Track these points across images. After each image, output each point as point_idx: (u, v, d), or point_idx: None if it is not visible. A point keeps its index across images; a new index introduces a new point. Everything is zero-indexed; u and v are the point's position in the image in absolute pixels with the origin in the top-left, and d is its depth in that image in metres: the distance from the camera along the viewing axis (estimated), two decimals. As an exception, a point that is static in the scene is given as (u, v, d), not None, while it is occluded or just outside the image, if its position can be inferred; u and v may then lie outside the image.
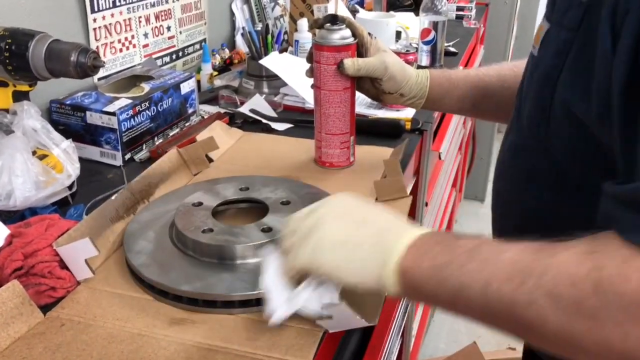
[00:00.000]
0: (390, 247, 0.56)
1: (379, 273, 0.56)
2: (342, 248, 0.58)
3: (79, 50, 0.83)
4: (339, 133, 0.97)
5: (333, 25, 0.91)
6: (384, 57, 0.90)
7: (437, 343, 2.19)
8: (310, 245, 0.59)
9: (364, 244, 0.57)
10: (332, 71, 0.92)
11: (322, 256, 0.58)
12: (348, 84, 0.93)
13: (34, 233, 0.70)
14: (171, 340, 0.62)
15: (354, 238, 0.58)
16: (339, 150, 0.98)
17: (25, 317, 0.64)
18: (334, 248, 0.58)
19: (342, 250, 0.58)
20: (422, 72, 0.94)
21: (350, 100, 0.95)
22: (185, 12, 1.43)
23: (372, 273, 0.56)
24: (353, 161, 1.01)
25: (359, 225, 0.59)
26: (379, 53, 0.91)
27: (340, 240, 0.58)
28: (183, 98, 1.15)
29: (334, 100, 0.94)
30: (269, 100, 1.26)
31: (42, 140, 0.82)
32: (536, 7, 3.44)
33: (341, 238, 0.58)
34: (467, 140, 2.49)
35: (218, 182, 0.89)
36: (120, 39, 1.22)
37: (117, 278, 0.72)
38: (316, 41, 0.92)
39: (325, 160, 1.00)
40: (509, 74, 0.92)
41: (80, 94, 1.04)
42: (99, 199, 0.88)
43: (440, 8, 1.46)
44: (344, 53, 0.91)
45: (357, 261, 0.57)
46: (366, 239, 0.57)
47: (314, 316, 0.61)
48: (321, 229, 0.59)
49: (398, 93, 0.92)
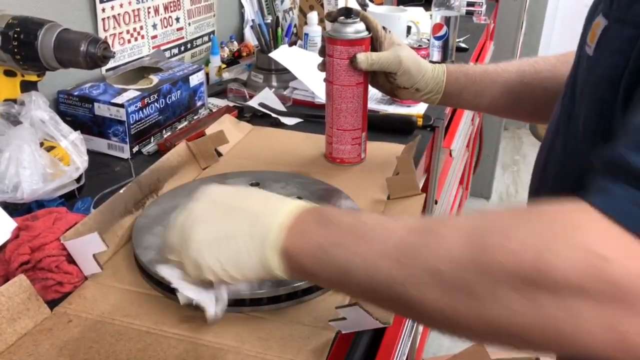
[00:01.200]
0: (266, 231, 0.53)
1: (261, 261, 0.53)
2: (219, 246, 0.55)
3: (89, 40, 0.81)
4: (351, 129, 0.95)
5: (347, 19, 0.89)
6: (398, 51, 0.88)
7: (442, 340, 2.18)
8: (189, 260, 0.56)
9: (239, 235, 0.54)
10: (345, 65, 0.90)
11: (202, 265, 0.55)
12: (361, 79, 0.91)
13: (41, 226, 0.69)
14: (180, 339, 0.61)
15: (229, 232, 0.55)
16: (350, 147, 0.97)
17: (32, 313, 0.62)
18: (206, 252, 0.55)
19: (220, 248, 0.54)
20: (438, 67, 0.92)
21: (363, 95, 0.93)
22: (194, 4, 1.41)
23: (254, 263, 0.53)
24: (364, 158, 1.00)
25: (228, 217, 0.56)
26: (393, 47, 0.89)
27: (215, 239, 0.55)
28: (192, 91, 1.13)
29: (347, 95, 0.92)
30: (278, 94, 1.25)
31: (50, 132, 0.81)
32: (545, 3, 3.42)
33: (215, 237, 0.55)
34: (474, 138, 2.47)
35: (228, 176, 0.88)
36: (128, 29, 1.21)
37: (125, 274, 0.71)
38: (329, 35, 0.90)
39: (336, 156, 0.98)
40: (529, 69, 0.90)
41: (88, 85, 1.02)
42: (106, 192, 0.87)
43: (452, 3, 1.44)
44: (357, 47, 0.89)
45: (235, 256, 0.54)
46: (240, 230, 0.54)
47: None
48: (190, 238, 0.56)
49: (414, 88, 0.90)
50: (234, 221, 0.55)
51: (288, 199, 0.56)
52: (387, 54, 0.88)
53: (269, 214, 0.54)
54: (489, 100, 0.92)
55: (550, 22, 3.51)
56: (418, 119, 1.12)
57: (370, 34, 0.90)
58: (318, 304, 0.66)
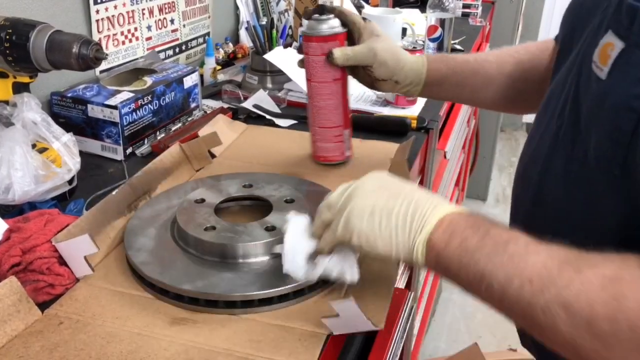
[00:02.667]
0: (423, 218, 0.58)
1: (408, 244, 0.58)
2: (373, 217, 0.59)
3: (81, 42, 0.81)
4: (332, 126, 0.95)
5: (321, 16, 0.89)
6: (373, 44, 0.87)
7: (438, 342, 2.18)
8: (344, 217, 0.61)
9: (396, 214, 0.59)
10: (320, 62, 0.90)
11: (354, 226, 0.59)
12: (338, 75, 0.91)
13: (32, 228, 0.69)
14: (172, 341, 0.61)
15: (387, 208, 0.59)
16: (333, 144, 0.96)
17: (22, 315, 0.62)
18: (365, 217, 0.59)
19: (373, 219, 0.59)
20: (418, 58, 0.91)
21: (341, 91, 0.93)
22: (189, 5, 1.41)
23: (401, 243, 0.58)
24: (349, 156, 0.99)
25: (391, 197, 0.60)
26: (370, 39, 0.88)
27: (373, 210, 0.59)
28: (186, 92, 1.13)
29: (324, 92, 0.92)
30: (273, 95, 1.25)
31: (42, 134, 0.81)
32: (541, 6, 3.43)
33: (373, 208, 0.59)
34: (470, 139, 2.47)
35: (221, 178, 0.88)
36: (123, 31, 1.21)
37: (117, 275, 0.70)
38: (304, 32, 0.90)
39: (320, 155, 0.98)
40: (509, 60, 0.90)
41: (81, 87, 1.02)
42: (99, 194, 0.87)
43: (447, 5, 1.44)
44: (331, 43, 0.88)
45: (387, 231, 0.58)
46: (399, 210, 0.59)
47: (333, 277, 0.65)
48: (354, 201, 0.61)
49: (392, 80, 0.89)
50: (397, 202, 0.59)
51: (447, 201, 0.61)
52: (361, 47, 0.87)
53: (429, 207, 0.59)
54: (469, 91, 0.92)
55: (546, 24, 3.51)
56: (412, 121, 1.12)
57: (346, 29, 0.89)
58: (310, 306, 0.66)
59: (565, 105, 0.64)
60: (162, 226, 0.76)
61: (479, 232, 0.55)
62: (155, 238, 0.74)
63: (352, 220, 0.60)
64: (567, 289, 0.48)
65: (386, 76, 0.89)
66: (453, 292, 2.39)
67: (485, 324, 2.24)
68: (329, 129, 0.95)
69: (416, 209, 0.58)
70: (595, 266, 0.49)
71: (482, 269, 0.53)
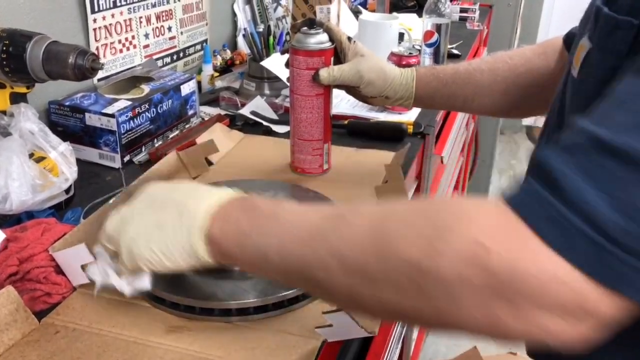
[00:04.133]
0: (193, 217, 0.56)
1: (188, 247, 0.56)
2: (148, 239, 0.58)
3: (77, 52, 0.81)
4: (311, 139, 0.95)
5: (310, 30, 0.90)
6: (358, 65, 0.88)
7: (438, 346, 2.18)
8: (125, 250, 0.59)
9: (167, 225, 0.57)
10: (305, 76, 0.90)
11: (137, 256, 0.58)
12: (321, 90, 0.92)
13: (29, 237, 0.69)
14: (167, 349, 0.61)
15: (157, 224, 0.58)
16: (310, 157, 0.97)
17: (19, 324, 0.62)
18: (141, 243, 0.58)
19: (149, 240, 0.58)
20: (407, 72, 0.91)
21: (323, 106, 0.93)
22: (187, 13, 1.42)
23: (183, 250, 0.56)
24: (327, 169, 0.99)
25: (160, 209, 0.59)
26: (355, 59, 0.89)
27: (146, 231, 0.58)
28: (183, 100, 1.14)
29: (306, 106, 0.93)
30: (270, 102, 1.25)
31: (39, 143, 0.81)
32: (539, 9, 3.44)
33: (146, 230, 0.58)
34: (469, 142, 2.48)
35: (218, 185, 0.88)
36: (120, 39, 1.21)
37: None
38: (292, 45, 0.91)
39: (298, 166, 0.98)
40: (503, 67, 0.90)
41: (79, 95, 1.03)
42: (97, 202, 0.88)
43: (443, 10, 1.45)
44: (316, 58, 0.89)
45: (165, 244, 0.57)
46: (170, 218, 0.57)
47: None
48: (127, 228, 0.59)
49: (382, 96, 0.90)
50: (165, 211, 0.58)
51: (216, 188, 0.59)
52: (347, 69, 0.88)
53: (196, 202, 0.57)
54: (462, 101, 0.92)
55: (545, 28, 3.52)
56: (408, 127, 1.13)
57: (333, 44, 0.90)
58: (305, 313, 0.67)
59: (555, 108, 0.66)
60: (159, 234, 0.77)
61: (250, 211, 0.54)
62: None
63: (133, 251, 0.58)
64: (339, 239, 0.47)
65: (375, 94, 0.90)
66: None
67: (486, 327, 2.24)
68: (308, 141, 0.96)
69: (184, 209, 0.57)
70: (363, 214, 0.49)
71: (260, 246, 0.52)
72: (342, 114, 1.21)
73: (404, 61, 1.26)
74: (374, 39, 1.46)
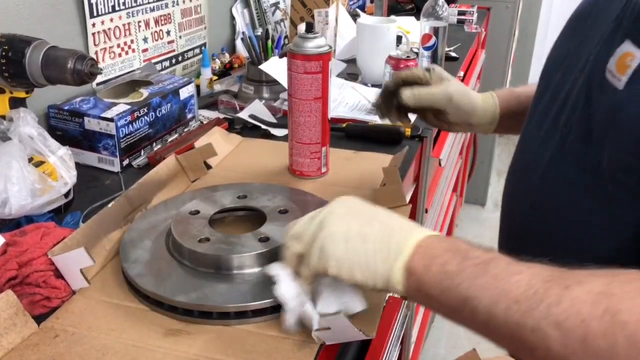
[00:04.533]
0: (399, 244, 0.56)
1: (386, 270, 0.55)
2: (348, 243, 0.57)
3: (76, 57, 0.82)
4: (309, 142, 0.96)
5: (308, 34, 0.90)
6: (448, 88, 0.86)
7: (437, 349, 2.18)
8: (317, 247, 0.58)
9: (371, 240, 0.56)
10: (302, 79, 0.91)
11: (330, 253, 0.57)
12: (319, 94, 0.92)
13: (29, 242, 0.70)
14: (166, 352, 0.61)
15: (361, 233, 0.57)
16: (309, 160, 0.97)
17: (19, 328, 0.63)
18: (340, 244, 0.57)
19: (348, 245, 0.57)
20: (488, 98, 0.88)
21: (321, 110, 0.94)
22: (185, 17, 1.43)
23: (379, 270, 0.56)
24: (325, 172, 1.00)
25: (365, 222, 0.58)
26: (442, 83, 0.87)
27: (347, 235, 0.57)
28: (182, 103, 1.14)
29: (304, 109, 0.93)
30: (269, 105, 1.26)
31: (39, 148, 0.82)
32: (537, 11, 3.44)
33: (347, 234, 0.57)
34: (468, 145, 2.48)
35: (216, 189, 0.89)
36: (119, 43, 1.22)
37: (112, 287, 0.71)
38: (290, 49, 0.92)
39: (296, 169, 0.99)
40: None
41: (78, 100, 1.03)
42: (96, 206, 0.88)
43: (441, 13, 1.45)
44: (314, 62, 0.90)
45: (363, 256, 0.56)
46: (373, 235, 0.57)
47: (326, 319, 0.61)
48: (326, 228, 0.58)
49: (466, 122, 0.89)
50: (371, 226, 0.57)
51: (421, 226, 0.58)
52: (437, 91, 0.86)
53: (404, 230, 0.57)
54: None
55: (543, 30, 3.53)
56: (406, 130, 1.13)
57: (331, 49, 0.91)
58: (303, 316, 0.67)
59: (573, 114, 0.63)
60: (158, 238, 0.77)
61: (458, 254, 0.53)
62: (150, 250, 0.75)
63: (326, 248, 0.57)
64: (556, 306, 0.46)
65: (460, 120, 0.89)
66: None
67: (485, 329, 2.24)
68: (307, 145, 0.96)
69: (392, 233, 0.57)
70: (582, 282, 0.47)
71: (464, 293, 0.51)
72: (340, 117, 1.22)
73: (402, 64, 1.26)
74: (372, 42, 1.47)
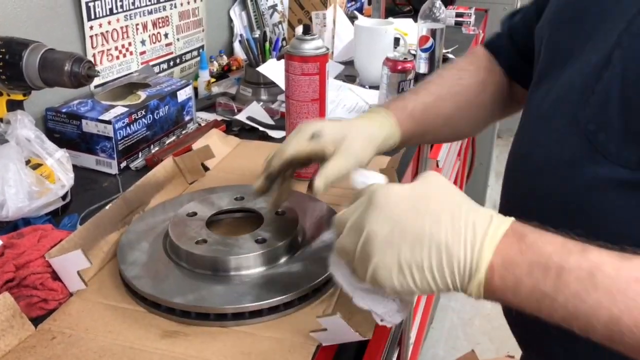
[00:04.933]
0: (465, 270, 0.49)
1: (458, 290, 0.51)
2: (403, 274, 0.51)
3: (73, 60, 0.82)
4: None
5: (305, 35, 0.91)
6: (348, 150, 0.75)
7: (436, 350, 2.18)
8: (369, 273, 0.53)
9: (429, 268, 0.50)
10: (300, 81, 0.91)
11: (385, 282, 0.52)
12: (316, 96, 0.93)
13: (26, 244, 0.70)
14: (163, 354, 0.61)
15: (415, 262, 0.51)
16: None
17: (16, 330, 0.63)
18: (393, 275, 0.52)
19: (404, 276, 0.51)
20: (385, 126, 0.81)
21: (318, 111, 0.94)
22: (183, 19, 1.43)
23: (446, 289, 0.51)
24: None
25: (416, 245, 0.51)
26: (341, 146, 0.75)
27: (400, 266, 0.51)
28: (180, 106, 1.14)
29: (302, 111, 0.94)
30: (267, 107, 1.26)
31: (36, 150, 0.82)
32: (536, 12, 3.43)
33: (400, 264, 0.51)
34: (466, 146, 2.49)
35: (213, 191, 0.89)
36: (117, 46, 1.22)
37: (110, 289, 0.71)
38: (287, 51, 0.92)
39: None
40: (459, 90, 0.86)
41: (76, 102, 1.04)
42: (93, 208, 0.88)
43: (438, 15, 1.46)
44: (311, 64, 0.90)
45: (425, 283, 0.51)
46: (429, 263, 0.50)
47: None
48: (373, 257, 0.52)
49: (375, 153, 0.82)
50: (424, 252, 0.50)
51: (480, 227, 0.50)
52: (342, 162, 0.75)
53: (465, 251, 0.49)
54: (432, 136, 0.91)
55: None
56: (404, 131, 1.13)
57: (328, 50, 0.91)
58: (300, 318, 0.67)
59: (605, 107, 0.59)
60: (155, 240, 0.77)
61: (549, 270, 0.48)
62: (148, 252, 0.75)
63: (379, 276, 0.52)
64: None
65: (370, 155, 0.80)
66: (451, 299, 2.40)
67: (484, 330, 2.25)
68: None
69: (451, 258, 0.50)
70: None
71: (573, 312, 0.47)
72: (338, 118, 1.22)
73: (399, 66, 1.26)
74: (370, 44, 1.47)
